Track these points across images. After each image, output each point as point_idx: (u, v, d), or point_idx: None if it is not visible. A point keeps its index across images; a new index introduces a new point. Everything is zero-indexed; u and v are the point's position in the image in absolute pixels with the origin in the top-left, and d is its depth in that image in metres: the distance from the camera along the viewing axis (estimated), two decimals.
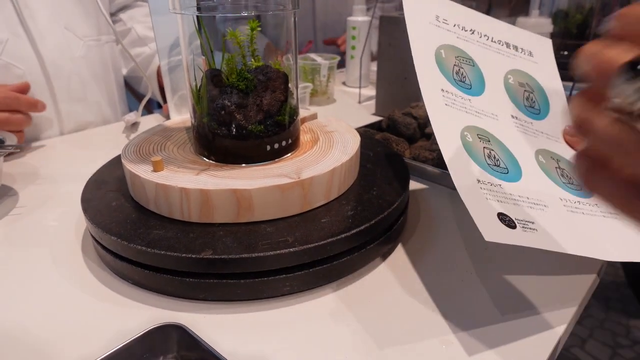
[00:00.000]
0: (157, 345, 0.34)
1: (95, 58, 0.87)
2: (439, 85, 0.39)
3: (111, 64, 0.92)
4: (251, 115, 0.45)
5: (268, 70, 0.46)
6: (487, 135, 0.38)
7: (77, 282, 0.43)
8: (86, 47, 0.84)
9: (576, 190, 0.39)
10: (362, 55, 0.99)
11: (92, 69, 0.86)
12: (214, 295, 0.39)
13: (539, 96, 0.46)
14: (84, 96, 0.85)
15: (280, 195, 0.42)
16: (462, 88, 0.40)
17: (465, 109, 0.39)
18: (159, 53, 0.64)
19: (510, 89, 0.44)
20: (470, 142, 0.36)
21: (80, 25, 0.83)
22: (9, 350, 0.35)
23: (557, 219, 0.36)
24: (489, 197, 0.33)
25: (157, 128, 0.56)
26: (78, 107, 0.85)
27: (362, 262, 0.44)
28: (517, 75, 0.45)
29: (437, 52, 0.40)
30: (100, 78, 0.89)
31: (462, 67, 0.41)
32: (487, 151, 0.37)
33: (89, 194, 0.48)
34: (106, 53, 0.90)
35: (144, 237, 0.40)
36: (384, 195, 0.47)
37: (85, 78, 0.85)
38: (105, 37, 0.90)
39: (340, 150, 0.49)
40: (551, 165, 0.40)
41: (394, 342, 0.35)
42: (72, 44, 0.82)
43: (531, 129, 0.43)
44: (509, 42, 0.46)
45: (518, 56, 0.46)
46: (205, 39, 0.46)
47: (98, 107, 0.89)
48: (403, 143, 0.67)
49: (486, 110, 0.40)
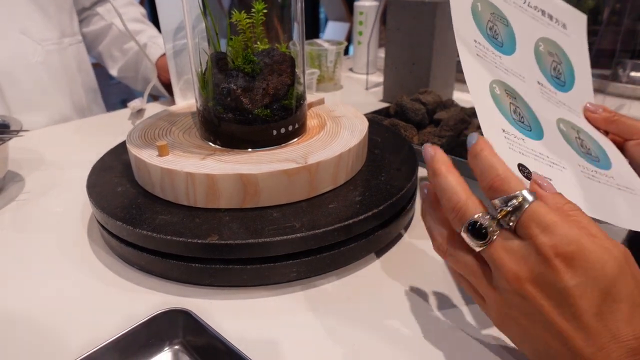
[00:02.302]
0: (162, 331, 0.34)
1: (56, 63, 0.81)
2: (472, 35, 0.38)
3: (76, 67, 0.86)
4: (257, 99, 0.45)
5: (274, 53, 0.45)
6: (514, 93, 0.38)
7: (83, 268, 0.42)
8: (45, 52, 0.78)
9: (594, 161, 0.39)
10: (370, 41, 0.98)
11: (52, 75, 0.80)
12: (220, 281, 0.39)
13: (566, 68, 0.45)
14: (43, 104, 0.79)
15: (287, 180, 0.41)
16: (494, 44, 0.40)
17: (494, 64, 0.38)
18: (163, 37, 0.63)
19: (539, 56, 0.44)
20: (498, 95, 0.36)
21: (38, 29, 0.77)
22: (15, 335, 0.35)
23: (574, 181, 0.35)
24: (512, 147, 0.34)
25: (162, 113, 0.55)
26: (37, 116, 0.78)
27: (370, 248, 0.43)
28: (548, 44, 0.45)
29: (474, 4, 0.40)
30: (63, 83, 0.82)
31: (496, 25, 0.41)
32: (513, 107, 0.37)
33: (95, 180, 0.47)
34: (70, 56, 0.84)
35: (149, 222, 0.40)
36: (393, 180, 0.46)
37: (44, 85, 0.79)
38: (69, 40, 0.83)
39: (348, 135, 0.48)
40: (571, 134, 0.40)
41: (402, 328, 0.35)
42: (28, 50, 0.76)
43: (554, 99, 0.43)
44: (545, 10, 0.46)
45: (552, 25, 0.46)
46: (210, 21, 0.45)
47: (61, 114, 0.83)
48: (411, 129, 0.66)
49: (514, 70, 0.40)
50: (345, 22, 2.77)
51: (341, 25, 2.78)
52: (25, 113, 0.76)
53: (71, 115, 0.86)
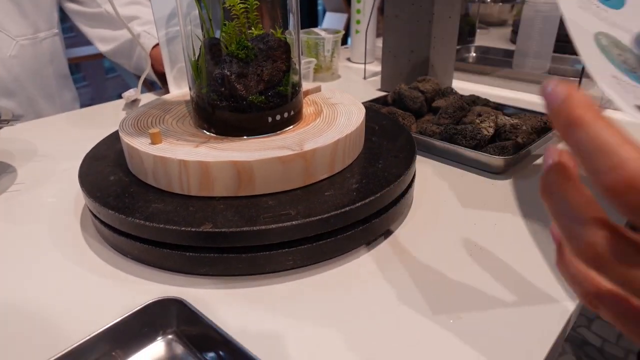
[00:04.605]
0: (156, 320, 0.33)
1: (29, 56, 0.86)
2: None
3: (49, 59, 0.90)
4: (251, 85, 0.44)
5: (269, 38, 0.44)
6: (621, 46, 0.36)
7: (76, 258, 0.42)
8: (19, 46, 0.83)
9: None
10: (367, 30, 0.97)
11: (24, 67, 0.85)
12: (214, 270, 0.38)
13: None
14: (14, 92, 0.84)
15: (282, 167, 0.40)
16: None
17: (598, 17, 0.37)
18: (156, 24, 0.61)
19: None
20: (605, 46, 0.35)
21: (13, 25, 0.82)
22: (7, 325, 0.34)
23: None
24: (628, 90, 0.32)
25: (155, 102, 0.54)
26: (7, 102, 0.84)
27: (367, 236, 0.42)
28: None
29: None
30: (35, 73, 0.87)
31: None
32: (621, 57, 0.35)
33: (87, 169, 0.47)
34: (44, 49, 0.89)
35: (142, 210, 0.39)
36: (390, 168, 0.45)
37: (17, 75, 0.84)
38: (44, 34, 0.88)
39: (345, 122, 0.47)
40: None
41: (400, 318, 0.34)
42: (2, 45, 0.81)
43: None
44: None
45: None
46: (204, 7, 0.44)
47: (30, 102, 0.88)
48: (409, 117, 0.66)
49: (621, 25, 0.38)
50: (343, 13, 2.75)
51: (339, 16, 2.76)
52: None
53: (39, 102, 0.90)
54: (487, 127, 0.58)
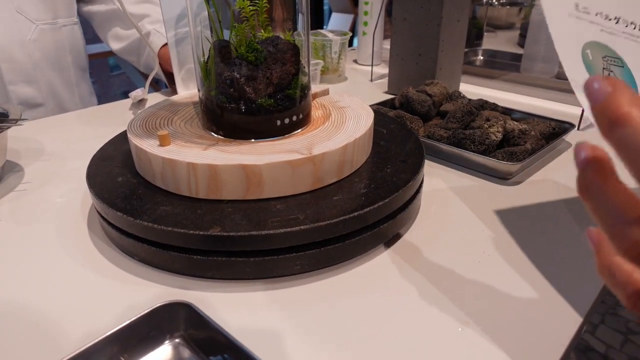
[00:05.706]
0: (163, 324, 0.33)
1: (49, 41, 0.86)
2: None
3: (69, 47, 0.91)
4: (261, 88, 0.44)
5: (278, 41, 0.44)
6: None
7: (83, 259, 0.42)
8: (39, 30, 0.84)
9: None
10: (375, 32, 0.96)
11: (44, 52, 0.85)
12: (222, 274, 0.38)
13: None
14: (34, 78, 0.85)
15: (291, 171, 0.40)
16: None
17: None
18: (165, 25, 0.61)
19: None
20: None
21: (33, 9, 0.82)
22: (14, 326, 0.34)
23: None
24: None
25: (163, 103, 0.54)
26: (28, 88, 0.85)
27: (375, 241, 0.42)
28: None
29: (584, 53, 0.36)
30: (54, 60, 0.88)
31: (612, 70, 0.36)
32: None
33: (95, 170, 0.47)
34: (63, 36, 0.89)
35: (150, 213, 0.39)
36: (398, 173, 0.45)
37: (37, 61, 0.84)
38: (62, 21, 0.88)
39: (353, 126, 0.47)
40: None
41: (408, 324, 0.34)
42: (23, 28, 0.81)
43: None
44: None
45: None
46: (213, 8, 0.44)
47: (50, 88, 0.88)
48: (417, 121, 0.65)
49: None
50: (349, 13, 2.75)
51: (345, 17, 2.76)
52: (15, 84, 0.82)
53: (59, 89, 0.90)
54: (495, 132, 0.57)
